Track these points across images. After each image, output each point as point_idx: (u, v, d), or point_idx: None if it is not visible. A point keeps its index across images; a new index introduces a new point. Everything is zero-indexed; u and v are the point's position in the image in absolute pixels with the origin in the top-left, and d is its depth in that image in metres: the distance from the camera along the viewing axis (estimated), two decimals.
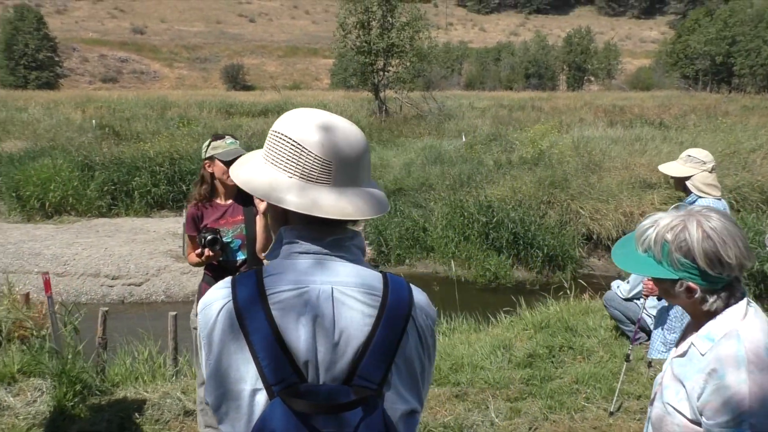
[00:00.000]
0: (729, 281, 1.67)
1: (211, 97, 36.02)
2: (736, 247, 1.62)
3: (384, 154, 18.69)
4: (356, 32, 25.38)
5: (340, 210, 1.35)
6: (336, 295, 1.34)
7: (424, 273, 13.37)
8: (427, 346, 1.44)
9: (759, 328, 1.66)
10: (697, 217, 1.66)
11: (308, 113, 1.43)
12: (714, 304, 1.68)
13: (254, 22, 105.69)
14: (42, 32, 54.96)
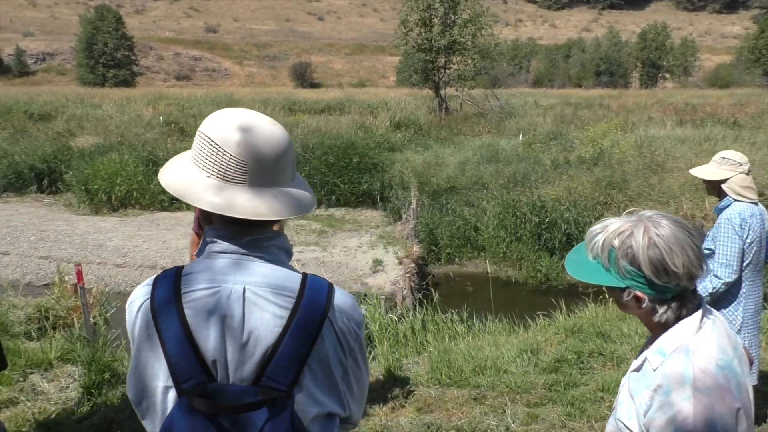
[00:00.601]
0: (680, 291, 1.57)
1: (276, 95, 36.66)
2: (684, 255, 1.52)
3: (440, 153, 18.57)
4: (418, 29, 25.30)
5: (253, 210, 1.35)
6: (248, 296, 1.34)
7: (475, 273, 13.22)
8: (350, 349, 1.42)
9: (713, 343, 1.56)
10: (645, 222, 1.57)
11: (230, 113, 1.44)
12: (664, 316, 1.59)
13: (323, 20, 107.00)
14: (120, 32, 57.33)
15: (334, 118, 25.80)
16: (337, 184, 16.17)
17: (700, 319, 1.59)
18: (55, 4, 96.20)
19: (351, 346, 1.42)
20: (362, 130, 19.60)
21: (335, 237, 14.11)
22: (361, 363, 1.47)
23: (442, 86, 26.19)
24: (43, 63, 70.00)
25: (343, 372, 1.42)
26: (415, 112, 25.90)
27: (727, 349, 1.58)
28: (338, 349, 1.39)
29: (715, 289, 3.66)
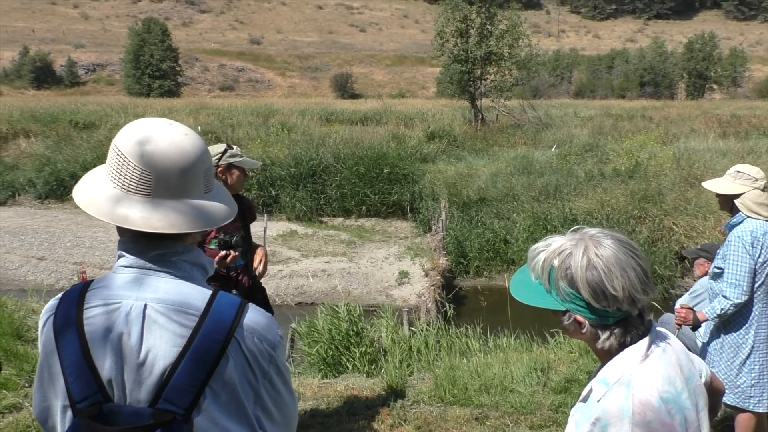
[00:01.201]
0: (623, 316, 1.45)
1: (314, 105, 36.98)
2: (625, 277, 1.40)
3: (473, 164, 18.41)
4: (454, 40, 25.22)
5: (146, 223, 1.30)
6: (148, 313, 1.29)
7: (503, 287, 12.99)
8: (263, 372, 1.36)
9: (658, 374, 1.44)
10: (586, 242, 1.45)
11: (141, 123, 1.39)
12: (607, 342, 1.47)
13: (365, 31, 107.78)
14: (166, 43, 58.72)
15: (371, 128, 25.85)
16: (367, 194, 16.15)
17: (646, 347, 1.47)
18: (106, 17, 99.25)
19: (264, 369, 1.36)
20: (395, 140, 19.56)
21: (363, 248, 14.07)
22: (280, 386, 1.40)
23: (478, 97, 26.01)
24: (93, 74, 72.17)
25: (255, 395, 1.35)
26: (450, 122, 25.79)
27: (675, 381, 1.45)
28: (247, 372, 1.33)
29: (723, 311, 3.47)
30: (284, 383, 1.42)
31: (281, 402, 1.41)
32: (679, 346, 1.57)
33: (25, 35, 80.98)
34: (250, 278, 3.67)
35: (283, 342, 1.42)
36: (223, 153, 3.55)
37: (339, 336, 6.18)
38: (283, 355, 1.42)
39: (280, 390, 1.40)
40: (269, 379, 1.37)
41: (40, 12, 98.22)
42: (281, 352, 1.41)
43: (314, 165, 16.84)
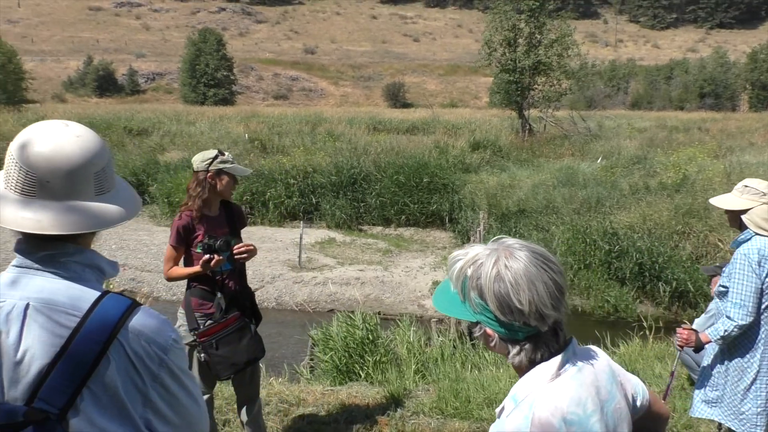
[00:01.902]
0: (533, 332, 1.39)
1: (363, 114, 37.24)
2: (533, 292, 1.34)
3: (517, 174, 18.19)
4: (502, 50, 25.03)
5: (15, 222, 1.33)
6: (30, 312, 1.31)
7: None
8: (152, 375, 1.35)
9: (565, 394, 1.37)
10: (500, 252, 1.40)
11: (36, 126, 1.42)
12: (516, 358, 1.41)
13: (418, 41, 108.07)
14: (221, 53, 60.20)
15: (417, 137, 25.88)
16: (406, 203, 16.14)
17: (558, 366, 1.40)
18: (167, 27, 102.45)
19: (153, 372, 1.35)
20: (437, 150, 19.51)
21: (399, 257, 14.05)
22: (175, 390, 1.39)
23: (525, 107, 25.71)
24: (152, 82, 74.53)
25: (143, 398, 1.35)
26: (497, 133, 25.58)
27: (585, 402, 1.38)
28: (132, 374, 1.33)
29: (727, 332, 3.30)
30: (182, 387, 1.41)
31: (178, 405, 1.40)
32: (603, 367, 1.50)
33: (89, 45, 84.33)
34: (238, 284, 3.70)
35: (177, 345, 1.40)
36: (213, 159, 3.60)
37: (354, 344, 6.18)
38: (180, 358, 1.41)
39: (176, 393, 1.39)
40: (161, 383, 1.36)
41: (104, 23, 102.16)
42: (176, 355, 1.39)
43: (355, 173, 16.93)
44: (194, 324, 3.54)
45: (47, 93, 65.26)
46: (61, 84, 70.12)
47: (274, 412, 4.44)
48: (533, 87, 25.10)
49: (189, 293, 3.63)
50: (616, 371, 1.56)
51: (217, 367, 3.52)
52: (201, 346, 3.51)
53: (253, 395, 3.80)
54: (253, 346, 3.62)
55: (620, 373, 1.58)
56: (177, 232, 3.58)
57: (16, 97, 42.60)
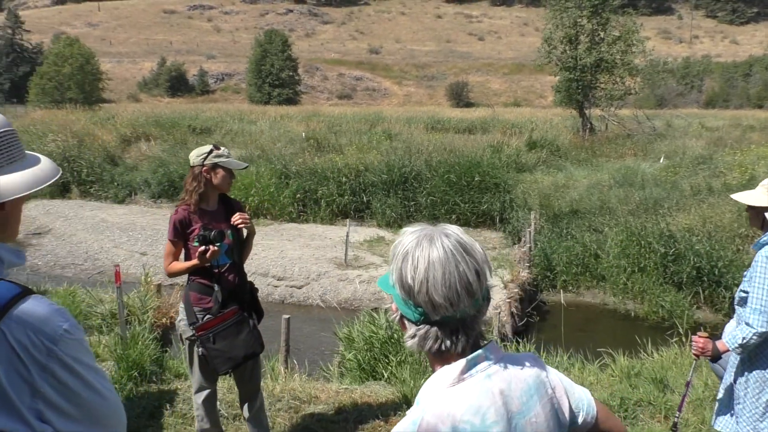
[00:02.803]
0: (436, 322, 1.30)
1: (423, 114, 37.11)
2: (429, 273, 1.27)
3: (574, 174, 17.70)
4: (562, 47, 24.43)
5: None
6: None
7: (591, 303, 12.42)
8: (40, 365, 1.32)
9: (462, 402, 1.27)
10: (422, 234, 1.34)
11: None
12: (409, 341, 1.35)
13: (483, 40, 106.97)
14: (286, 53, 61.33)
15: (476, 137, 25.58)
16: (457, 202, 15.95)
17: (461, 370, 1.31)
18: (236, 29, 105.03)
19: (41, 362, 1.33)
20: (491, 149, 19.21)
21: None
22: (69, 381, 1.36)
23: (587, 106, 25.00)
24: (221, 83, 76.60)
25: (31, 389, 1.32)
26: (556, 132, 25.00)
27: (486, 413, 1.28)
28: (17, 364, 1.31)
29: (745, 341, 3.06)
30: (78, 378, 1.37)
31: (75, 397, 1.37)
32: (525, 377, 1.38)
33: (163, 47, 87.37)
34: (237, 277, 3.70)
35: (70, 336, 1.36)
36: (208, 153, 3.62)
37: (378, 343, 6.12)
38: (75, 349, 1.37)
39: (70, 385, 1.36)
40: (51, 374, 1.34)
41: (177, 26, 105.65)
42: (68, 346, 1.35)
43: (406, 172, 16.86)
44: (193, 318, 3.56)
45: (123, 93, 68.06)
46: (135, 84, 72.99)
47: (285, 409, 4.43)
48: (595, 85, 24.35)
49: (188, 288, 3.66)
50: (548, 383, 1.43)
51: (215, 361, 3.53)
52: (199, 340, 3.53)
53: (254, 391, 3.80)
54: (251, 341, 3.61)
55: (556, 386, 1.46)
56: (174, 227, 3.61)
57: (93, 97, 44.59)
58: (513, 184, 16.25)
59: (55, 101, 40.36)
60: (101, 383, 1.42)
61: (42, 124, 25.06)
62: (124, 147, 22.64)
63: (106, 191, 19.90)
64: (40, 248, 15.28)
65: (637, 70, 24.25)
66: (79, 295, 6.51)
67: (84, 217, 17.42)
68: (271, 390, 4.68)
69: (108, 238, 15.39)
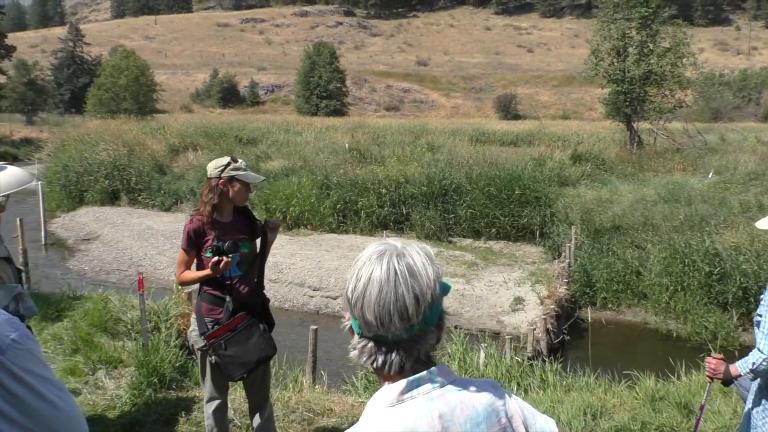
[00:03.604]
0: (376, 339, 1.28)
1: (467, 126, 36.93)
2: (366, 289, 1.26)
3: (618, 189, 17.31)
4: (610, 59, 24.00)
5: None
6: None
7: (632, 322, 12.10)
8: None
9: (396, 423, 1.24)
10: (384, 249, 1.32)
11: None
12: (353, 351, 1.33)
13: (532, 52, 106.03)
14: (334, 65, 62.03)
15: (521, 149, 25.31)
16: (497, 216, 15.79)
17: (401, 391, 1.28)
18: (287, 41, 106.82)
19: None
20: (533, 162, 18.95)
21: (485, 270, 13.75)
22: (19, 391, 1.36)
23: (635, 119, 24.45)
24: (271, 94, 77.92)
25: None
26: (605, 145, 24.52)
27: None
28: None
29: (755, 366, 2.93)
30: (28, 388, 1.38)
31: (25, 406, 1.39)
32: (474, 404, 1.31)
33: (216, 59, 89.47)
34: (249, 289, 3.72)
35: (19, 346, 1.37)
36: (225, 166, 3.65)
37: None
38: (24, 359, 1.37)
39: (19, 394, 1.37)
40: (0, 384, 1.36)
41: (230, 38, 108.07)
42: (15, 355, 1.36)
43: (446, 184, 16.79)
44: (204, 328, 3.61)
45: (176, 104, 69.88)
46: (189, 95, 74.87)
47: (298, 420, 4.44)
48: (644, 98, 23.78)
49: (200, 299, 3.70)
50: (503, 411, 1.37)
51: (228, 367, 3.57)
52: (211, 349, 3.57)
53: (263, 400, 3.81)
54: (262, 345, 3.63)
55: (513, 415, 1.39)
56: (188, 236, 3.66)
57: (147, 108, 45.91)
58: (554, 197, 15.99)
59: (111, 111, 41.74)
60: (55, 393, 1.42)
61: (96, 134, 25.91)
62: (172, 156, 23.21)
63: (153, 199, 20.42)
64: (87, 253, 15.78)
65: (688, 83, 23.61)
66: (112, 301, 6.66)
67: (131, 224, 17.91)
68: (287, 401, 4.70)
69: (152, 245, 15.77)
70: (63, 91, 62.95)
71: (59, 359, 5.32)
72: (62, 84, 63.43)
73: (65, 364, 5.13)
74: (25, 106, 56.06)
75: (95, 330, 5.82)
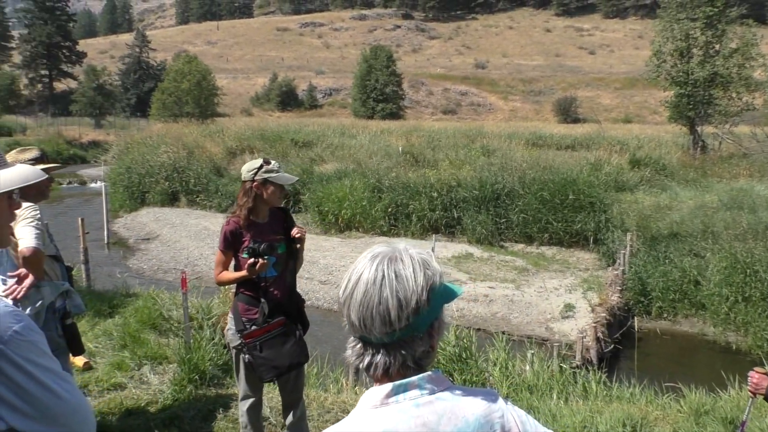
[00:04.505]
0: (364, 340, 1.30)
1: (524, 129, 36.44)
2: (353, 290, 1.28)
3: (679, 195, 16.75)
4: (672, 60, 23.25)
5: None
6: None
7: (688, 333, 11.71)
8: None
9: (378, 424, 1.25)
10: (378, 252, 1.34)
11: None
12: (347, 351, 1.35)
13: (594, 54, 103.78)
14: (390, 68, 62.22)
15: (578, 153, 24.79)
16: (550, 221, 15.53)
17: (386, 394, 1.28)
18: (345, 45, 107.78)
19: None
20: (589, 166, 18.54)
21: (535, 276, 13.54)
22: (22, 381, 1.41)
23: (698, 122, 23.60)
24: (329, 97, 78.76)
25: None
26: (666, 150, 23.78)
27: None
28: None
29: None
30: (29, 377, 1.43)
31: (27, 395, 1.44)
32: (464, 412, 1.29)
33: (275, 63, 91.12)
34: (284, 291, 3.77)
35: (21, 337, 1.42)
36: (258, 168, 3.72)
37: (444, 360, 6.06)
38: (26, 350, 1.43)
39: (22, 384, 1.43)
40: (1, 371, 1.41)
41: (289, 42, 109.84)
42: (18, 346, 1.41)
43: (498, 188, 16.62)
44: (241, 326, 3.69)
45: (237, 108, 71.47)
46: (249, 99, 76.46)
47: (332, 421, 4.48)
48: (709, 101, 22.92)
49: (236, 299, 3.79)
50: (499, 424, 1.32)
51: (260, 368, 3.63)
52: (246, 348, 3.64)
53: (296, 400, 3.87)
54: (296, 351, 3.69)
55: (511, 428, 1.34)
56: (225, 237, 3.75)
57: (208, 111, 47.09)
58: (610, 203, 15.61)
59: (174, 115, 43.01)
60: (58, 384, 1.48)
61: (158, 137, 26.77)
62: (229, 159, 23.75)
63: (210, 201, 20.94)
64: (147, 253, 16.30)
65: (756, 85, 22.64)
66: (161, 299, 6.87)
67: (188, 225, 18.42)
68: (322, 401, 4.75)
69: (208, 245, 16.17)
70: (129, 96, 65.28)
71: (108, 354, 5.53)
72: (129, 89, 65.80)
73: (113, 359, 5.33)
74: (93, 110, 58.33)
75: (143, 327, 6.02)
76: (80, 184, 30.92)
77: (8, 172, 1.56)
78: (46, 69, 69.40)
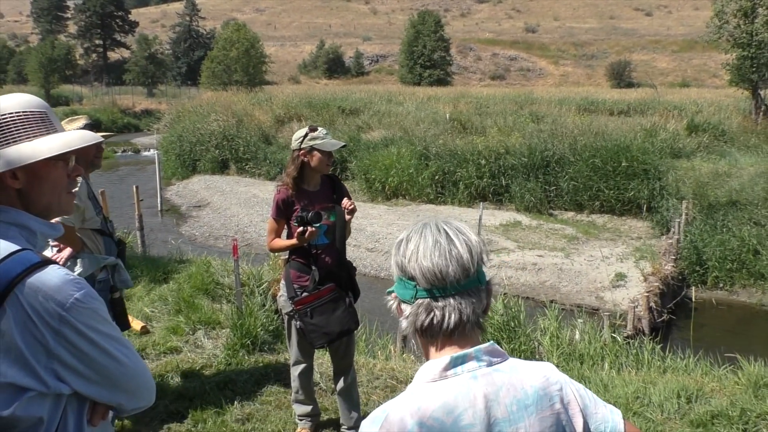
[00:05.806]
0: (423, 295, 1.28)
1: (575, 95, 35.52)
2: (423, 247, 1.28)
3: (739, 161, 16.12)
4: (735, 21, 22.18)
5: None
6: None
7: (746, 303, 11.37)
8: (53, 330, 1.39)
9: (436, 398, 1.22)
10: (423, 222, 1.36)
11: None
12: (404, 322, 1.33)
13: (651, 15, 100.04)
14: (438, 34, 61.28)
15: (633, 119, 24.08)
16: (601, 189, 15.20)
17: (445, 366, 1.26)
18: (392, 11, 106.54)
19: (53, 327, 1.40)
20: (644, 132, 17.98)
21: (585, 245, 13.31)
22: (84, 347, 1.44)
23: (761, 86, 22.57)
24: (376, 64, 78.32)
25: (46, 350, 1.42)
26: (724, 114, 22.89)
27: (461, 414, 1.22)
28: (30, 326, 1.39)
29: None
30: (91, 343, 1.46)
31: (90, 361, 1.47)
32: (523, 385, 1.27)
33: (322, 30, 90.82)
34: (335, 258, 3.79)
35: (83, 304, 1.44)
36: (304, 136, 3.71)
37: (492, 329, 6.03)
38: (89, 317, 1.45)
39: (84, 349, 1.45)
40: (64, 338, 1.42)
41: (336, 9, 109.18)
42: (80, 314, 1.43)
43: (548, 155, 16.30)
44: (293, 293, 3.73)
45: (284, 75, 71.79)
46: (296, 67, 76.65)
47: (381, 387, 4.52)
48: None
49: (288, 266, 3.83)
50: (558, 397, 1.30)
51: (311, 335, 3.68)
52: (297, 314, 3.69)
53: (347, 366, 3.91)
54: (346, 318, 3.72)
55: (570, 401, 1.33)
56: (276, 206, 3.78)
57: (257, 79, 47.36)
58: (665, 170, 15.14)
59: (223, 83, 43.44)
60: (118, 350, 1.51)
61: (208, 105, 27.12)
62: (277, 127, 23.92)
63: (259, 168, 21.19)
64: (198, 220, 16.66)
65: None
66: (213, 265, 7.01)
67: (238, 193, 18.70)
68: (371, 368, 4.79)
69: (257, 212, 16.42)
70: (180, 64, 66.19)
71: (164, 318, 5.69)
72: (179, 57, 66.69)
73: (169, 323, 5.48)
74: (146, 79, 59.36)
75: (197, 292, 6.17)
76: (134, 152, 31.66)
77: (62, 136, 1.57)
78: (100, 39, 70.76)
